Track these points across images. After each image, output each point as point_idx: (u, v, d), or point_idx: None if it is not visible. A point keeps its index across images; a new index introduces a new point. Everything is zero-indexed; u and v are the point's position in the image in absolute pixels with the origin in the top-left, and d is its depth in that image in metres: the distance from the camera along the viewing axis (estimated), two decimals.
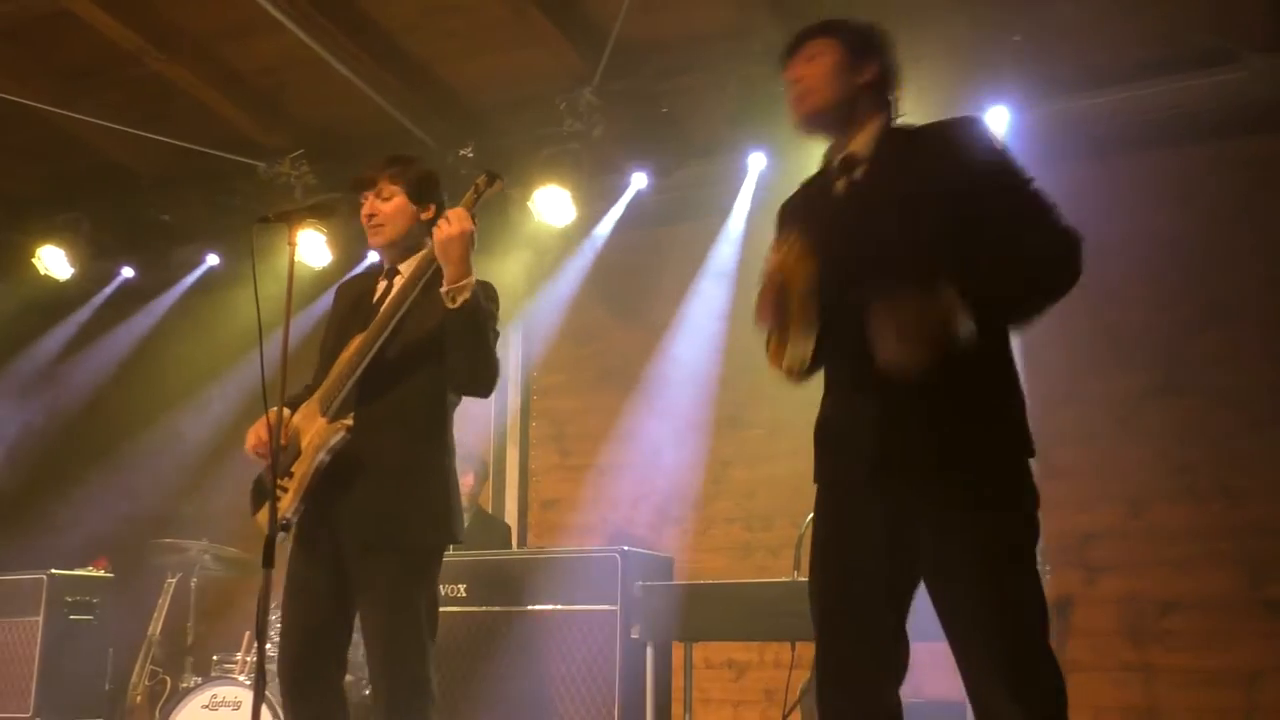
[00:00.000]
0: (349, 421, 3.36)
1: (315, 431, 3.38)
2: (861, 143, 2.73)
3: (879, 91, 2.78)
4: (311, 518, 3.34)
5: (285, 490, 3.38)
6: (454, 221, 3.24)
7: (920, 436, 2.54)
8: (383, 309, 3.41)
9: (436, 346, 3.37)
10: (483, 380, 3.42)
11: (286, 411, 3.50)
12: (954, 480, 2.52)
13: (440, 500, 3.44)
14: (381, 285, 3.58)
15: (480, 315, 3.29)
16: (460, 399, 3.58)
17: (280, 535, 3.35)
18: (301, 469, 3.35)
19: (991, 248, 2.51)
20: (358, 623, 3.48)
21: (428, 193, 3.56)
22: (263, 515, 3.42)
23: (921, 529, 2.55)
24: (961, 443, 2.53)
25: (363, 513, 3.34)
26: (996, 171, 2.61)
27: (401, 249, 3.54)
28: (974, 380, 2.53)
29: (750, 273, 6.61)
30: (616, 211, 6.79)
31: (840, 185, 2.74)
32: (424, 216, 3.54)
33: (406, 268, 3.51)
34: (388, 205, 3.52)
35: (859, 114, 2.74)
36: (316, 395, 3.45)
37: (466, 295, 3.24)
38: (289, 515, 3.34)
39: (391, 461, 3.37)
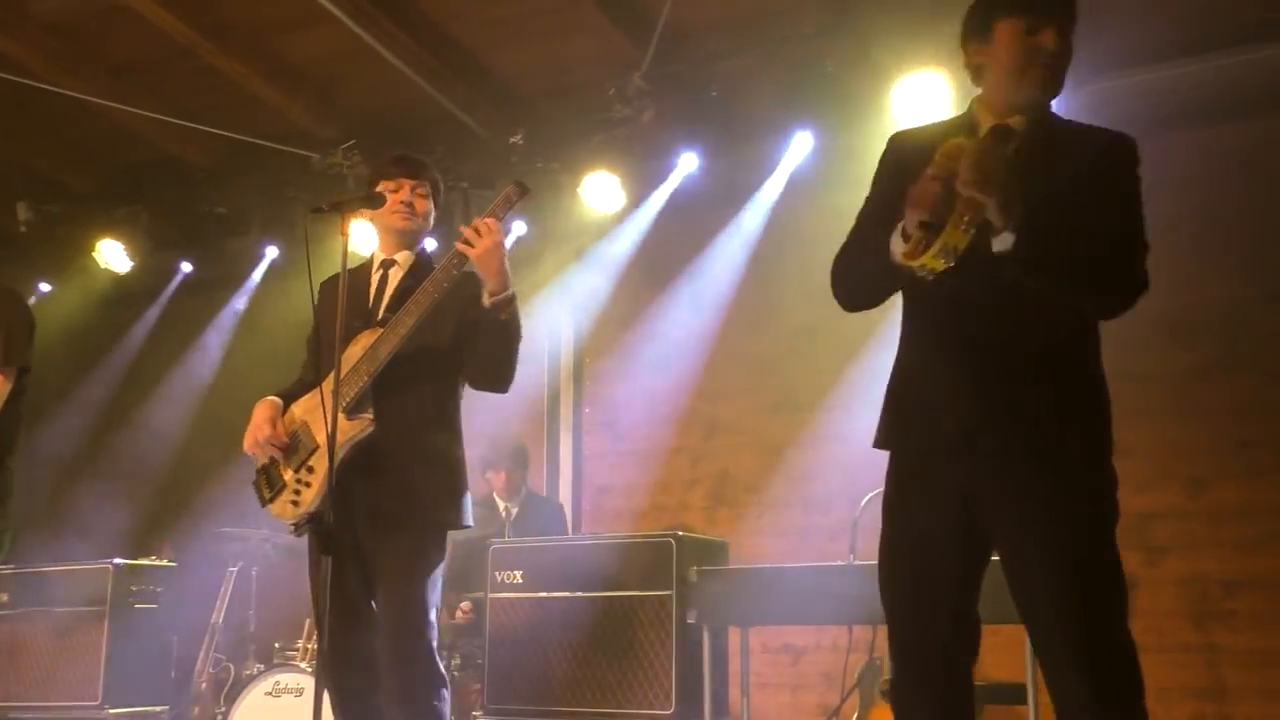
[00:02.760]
0: (369, 416, 3.44)
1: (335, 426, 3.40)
2: (1021, 119, 2.66)
3: None
4: (338, 511, 3.34)
5: (307, 485, 3.46)
6: (486, 234, 3.34)
7: (1007, 417, 2.53)
8: (404, 311, 3.46)
9: (449, 345, 3.54)
10: (506, 381, 3.57)
11: (279, 402, 3.64)
12: (1036, 467, 2.51)
13: (451, 484, 3.56)
14: (377, 277, 3.69)
15: (518, 326, 3.46)
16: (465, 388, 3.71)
17: (301, 529, 3.43)
18: (323, 464, 3.39)
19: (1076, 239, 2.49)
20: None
21: (440, 201, 3.81)
22: (276, 506, 3.54)
23: (998, 513, 2.54)
24: (1048, 428, 2.52)
25: (378, 498, 3.45)
26: (1122, 195, 2.61)
27: (410, 241, 3.71)
28: (1065, 369, 2.55)
29: (789, 252, 6.62)
30: (665, 194, 6.77)
31: None
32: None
33: (404, 259, 3.67)
34: (425, 203, 3.70)
35: None
36: (324, 389, 3.45)
37: (513, 309, 3.41)
38: (312, 509, 3.42)
39: (407, 451, 3.48)
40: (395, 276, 3.66)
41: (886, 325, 2.81)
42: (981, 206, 2.38)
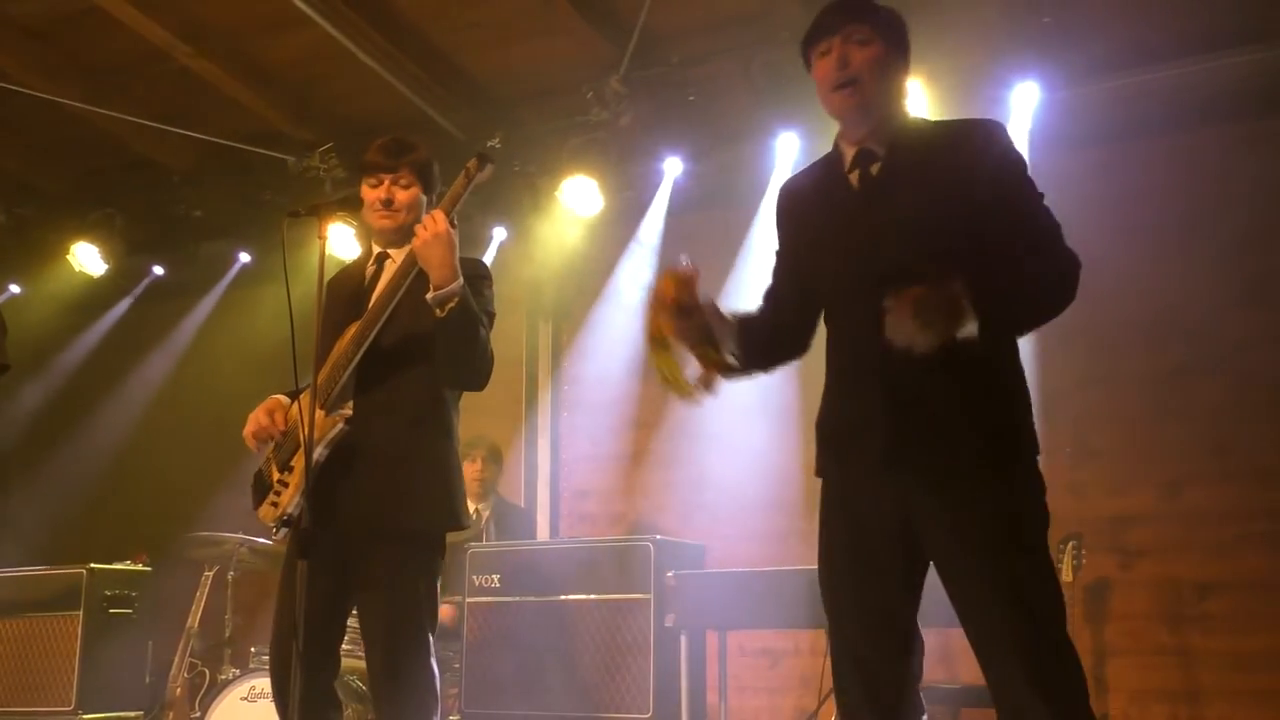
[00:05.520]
0: (347, 412, 3.34)
1: (314, 424, 3.30)
2: (879, 137, 2.69)
3: (904, 86, 2.77)
4: (312, 512, 3.21)
5: (285, 485, 3.36)
6: (428, 225, 3.19)
7: (926, 434, 2.54)
8: (376, 297, 3.38)
9: (433, 335, 3.32)
10: (473, 379, 3.41)
11: (285, 400, 3.52)
12: (960, 477, 2.52)
13: (440, 485, 3.40)
14: (371, 270, 3.56)
15: (469, 319, 3.26)
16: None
17: (282, 531, 3.34)
18: (301, 463, 3.29)
19: (998, 265, 2.52)
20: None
21: (433, 183, 3.58)
22: (264, 510, 3.44)
23: (929, 523, 2.56)
24: (967, 440, 2.54)
25: (363, 502, 3.30)
26: (1009, 185, 2.60)
27: (401, 236, 3.51)
28: (979, 380, 2.55)
29: (766, 256, 6.61)
30: (661, 201, 6.73)
31: (854, 178, 2.71)
32: (429, 209, 3.53)
33: (398, 254, 3.49)
34: (406, 194, 3.51)
35: (884, 106, 2.70)
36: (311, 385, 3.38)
37: (453, 304, 3.20)
38: (290, 511, 3.31)
39: (390, 449, 3.34)
40: (389, 270, 3.49)
41: None
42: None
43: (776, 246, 2.95)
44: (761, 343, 2.86)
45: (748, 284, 6.76)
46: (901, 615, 2.62)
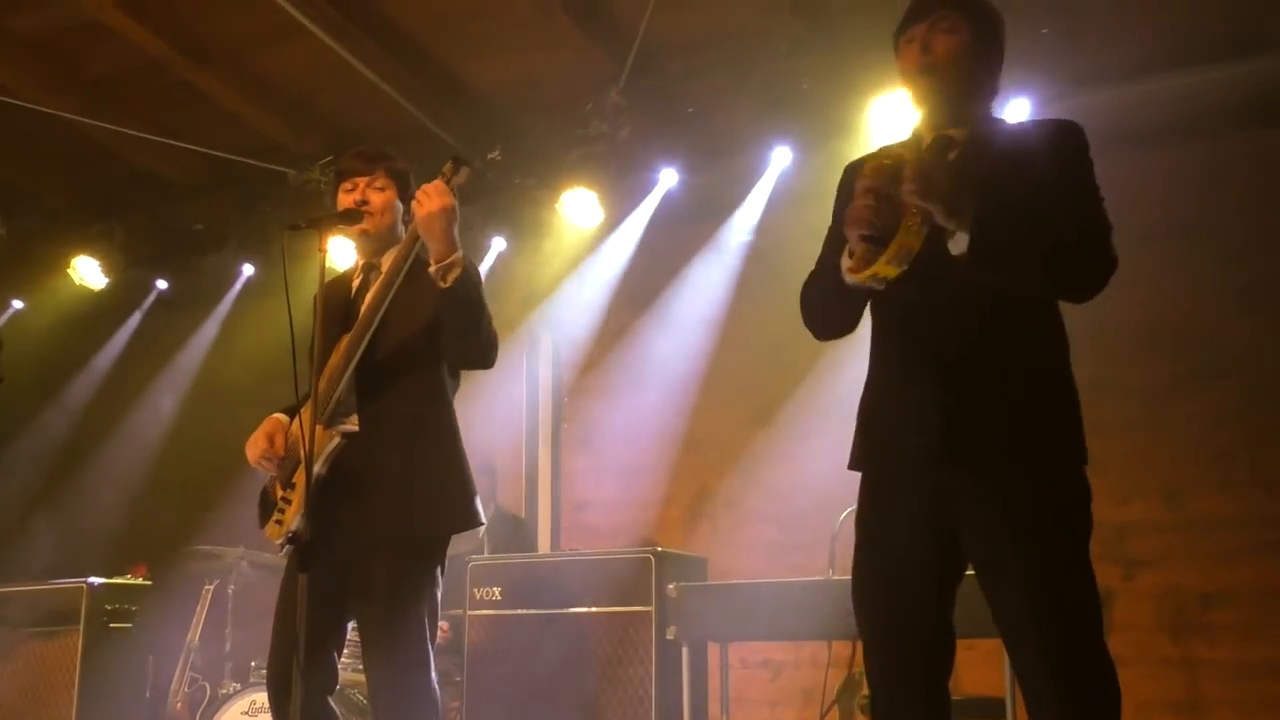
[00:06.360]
0: (347, 427, 3.32)
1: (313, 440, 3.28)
2: (959, 127, 2.66)
3: (992, 81, 2.76)
4: (313, 525, 3.19)
5: (289, 502, 3.34)
6: (433, 196, 3.15)
7: (978, 431, 2.52)
8: (365, 306, 3.35)
9: (427, 337, 3.32)
10: (482, 354, 3.35)
11: (284, 419, 3.49)
12: (1010, 478, 2.50)
13: (442, 489, 3.36)
14: (358, 282, 3.54)
15: (474, 290, 3.24)
16: (459, 382, 3.54)
17: (289, 546, 3.32)
18: (302, 479, 3.27)
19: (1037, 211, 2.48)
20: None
21: (410, 192, 3.50)
22: (270, 528, 3.42)
23: (972, 525, 2.53)
24: (1021, 442, 2.52)
25: (363, 515, 3.28)
26: (1073, 183, 2.58)
27: (382, 243, 3.50)
28: (1035, 385, 2.55)
29: (768, 268, 6.64)
30: (647, 210, 6.77)
31: None
32: (405, 217, 3.52)
33: (385, 262, 3.45)
34: (381, 196, 3.49)
35: (965, 96, 2.69)
36: (311, 400, 3.33)
37: (457, 272, 3.18)
38: (294, 527, 3.28)
39: (392, 461, 3.31)
40: (376, 280, 3.45)
41: (866, 340, 2.80)
42: (930, 213, 2.41)
43: (835, 221, 2.82)
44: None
45: (743, 296, 6.80)
46: (935, 621, 2.59)
